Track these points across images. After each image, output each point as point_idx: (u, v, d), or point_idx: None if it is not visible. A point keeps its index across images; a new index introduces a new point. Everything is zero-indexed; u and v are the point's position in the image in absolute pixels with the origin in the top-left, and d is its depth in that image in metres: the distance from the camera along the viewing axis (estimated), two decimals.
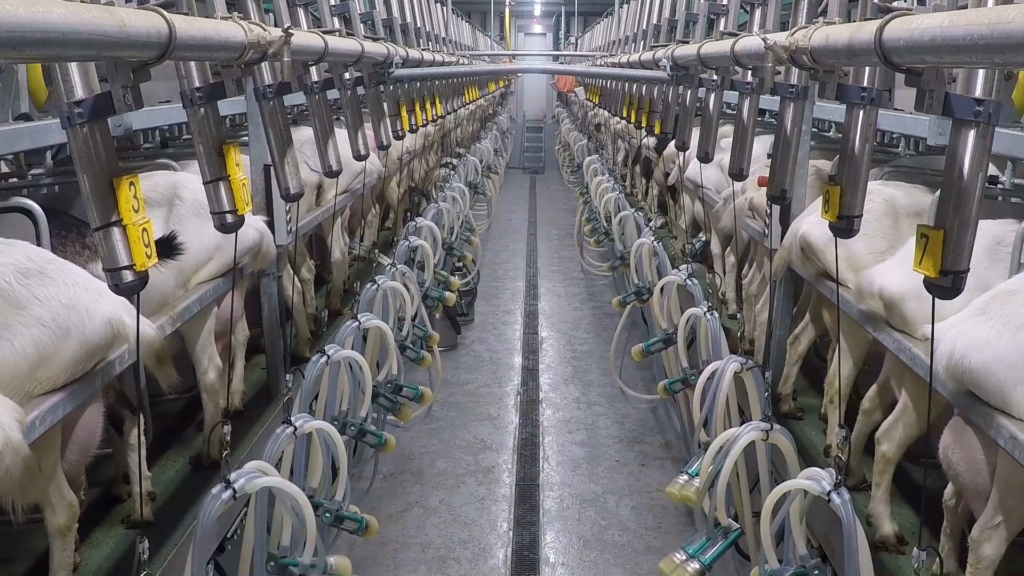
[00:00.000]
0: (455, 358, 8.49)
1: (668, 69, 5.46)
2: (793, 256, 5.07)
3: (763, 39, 3.18)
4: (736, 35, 4.14)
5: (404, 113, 6.73)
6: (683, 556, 3.58)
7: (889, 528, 4.18)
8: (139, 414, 4.17)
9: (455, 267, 8.40)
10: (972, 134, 2.32)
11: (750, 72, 4.13)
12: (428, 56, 7.82)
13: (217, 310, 4.83)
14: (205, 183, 3.15)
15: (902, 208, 4.72)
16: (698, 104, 5.68)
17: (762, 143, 6.33)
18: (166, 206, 4.55)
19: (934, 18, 2.07)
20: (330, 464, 3.85)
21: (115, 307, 3.36)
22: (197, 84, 3.15)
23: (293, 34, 3.24)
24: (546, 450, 6.55)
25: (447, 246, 8.07)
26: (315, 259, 7.41)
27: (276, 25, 4.43)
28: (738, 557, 4.13)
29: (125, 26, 2.13)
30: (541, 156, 24.38)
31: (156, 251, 4.02)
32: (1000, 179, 4.70)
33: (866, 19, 2.87)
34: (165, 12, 2.37)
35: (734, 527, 3.65)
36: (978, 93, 2.34)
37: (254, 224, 4.92)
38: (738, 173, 4.42)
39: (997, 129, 2.39)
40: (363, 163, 6.12)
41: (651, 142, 10.91)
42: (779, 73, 3.46)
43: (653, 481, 5.98)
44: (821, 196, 3.23)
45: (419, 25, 8.49)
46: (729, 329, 5.72)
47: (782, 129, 3.73)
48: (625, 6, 11.08)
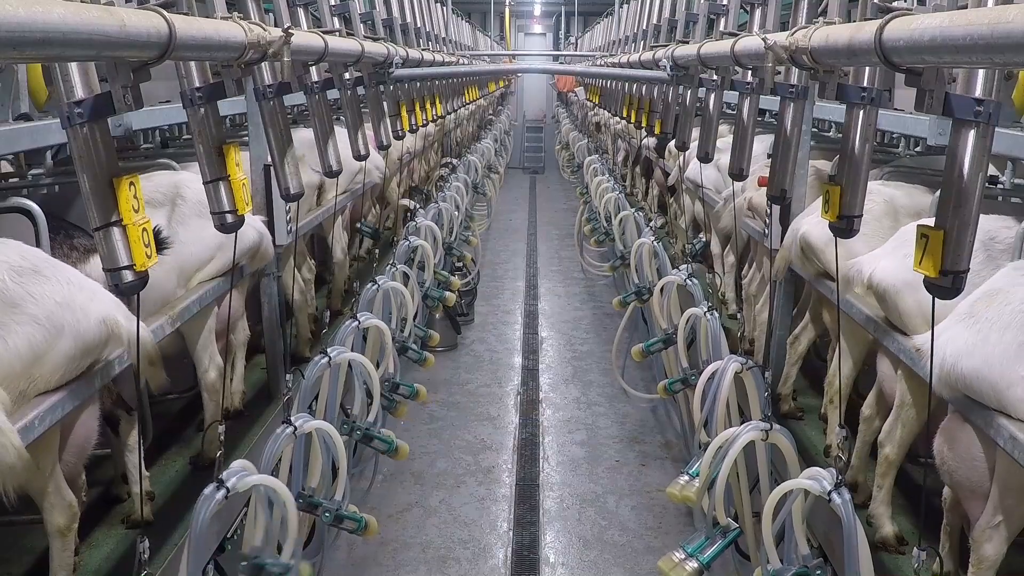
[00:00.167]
0: (455, 358, 8.49)
1: (668, 69, 5.46)
2: (793, 256, 5.07)
3: (763, 39, 3.18)
4: (736, 35, 4.14)
5: (404, 113, 6.73)
6: (682, 555, 3.58)
7: (889, 529, 4.18)
8: (137, 414, 4.17)
9: (455, 267, 8.40)
10: (972, 134, 2.32)
11: (750, 72, 4.13)
12: (428, 56, 7.83)
13: (218, 310, 4.84)
14: (205, 183, 3.15)
15: (902, 208, 4.73)
16: (698, 104, 5.69)
17: (761, 143, 6.33)
18: (168, 205, 4.56)
19: (934, 18, 2.07)
20: (330, 464, 3.85)
21: (109, 306, 3.36)
22: (197, 84, 3.15)
23: (293, 34, 3.24)
24: (546, 450, 6.55)
25: (447, 246, 8.08)
26: (315, 259, 7.41)
27: (276, 25, 4.43)
28: (738, 557, 4.13)
29: (125, 26, 2.13)
30: (541, 156, 24.38)
31: None
32: (1000, 179, 4.70)
33: (866, 19, 2.87)
34: (165, 12, 2.37)
35: (733, 526, 3.65)
36: (978, 93, 2.34)
37: (253, 224, 4.93)
38: (738, 173, 4.42)
39: (997, 129, 2.39)
40: (363, 163, 6.13)
41: (651, 142, 10.92)
42: (779, 73, 3.46)
43: (653, 481, 5.98)
44: (821, 196, 3.23)
45: (419, 25, 8.49)
46: (729, 329, 5.72)
47: (782, 129, 3.72)
48: (625, 6, 11.08)
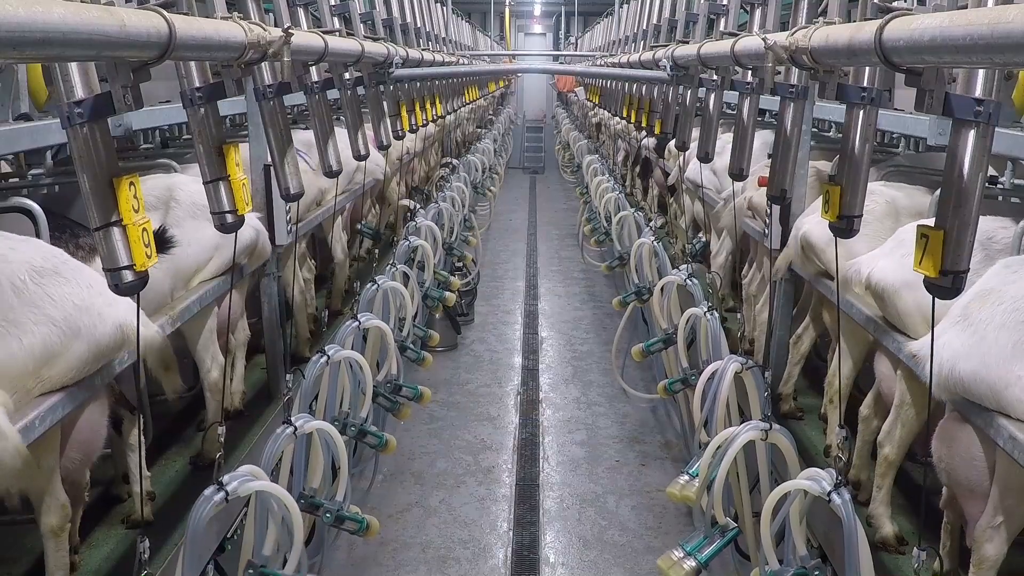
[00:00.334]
0: (455, 358, 8.49)
1: (668, 69, 5.46)
2: (793, 255, 5.07)
3: (763, 39, 3.18)
4: (736, 35, 4.14)
5: (404, 113, 6.73)
6: (680, 553, 3.58)
7: (889, 529, 4.18)
8: (139, 414, 4.17)
9: (455, 267, 8.40)
10: (972, 134, 2.32)
11: (750, 72, 4.13)
12: (428, 56, 7.83)
13: (218, 309, 4.84)
14: (205, 183, 3.15)
15: (903, 209, 4.73)
16: (698, 104, 5.68)
17: (760, 138, 6.32)
18: (162, 209, 4.55)
19: (934, 18, 2.07)
20: (330, 464, 3.85)
21: (127, 312, 3.36)
22: (197, 84, 3.15)
23: (293, 34, 3.24)
24: (546, 450, 6.55)
25: (447, 246, 8.08)
26: (315, 259, 7.41)
27: (276, 25, 4.43)
28: (737, 557, 4.14)
29: (125, 26, 2.13)
30: (541, 156, 24.38)
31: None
32: (1000, 179, 4.70)
33: (866, 19, 2.87)
34: (165, 12, 2.37)
35: (732, 526, 3.65)
36: (978, 93, 2.34)
37: (249, 221, 4.92)
38: (738, 173, 4.42)
39: (997, 129, 2.39)
40: (363, 163, 6.13)
41: (651, 142, 10.92)
42: (779, 73, 3.46)
43: (653, 481, 5.98)
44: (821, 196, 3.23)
45: (419, 25, 8.49)
46: (729, 329, 5.72)
47: (782, 129, 3.72)
48: (625, 6, 11.08)
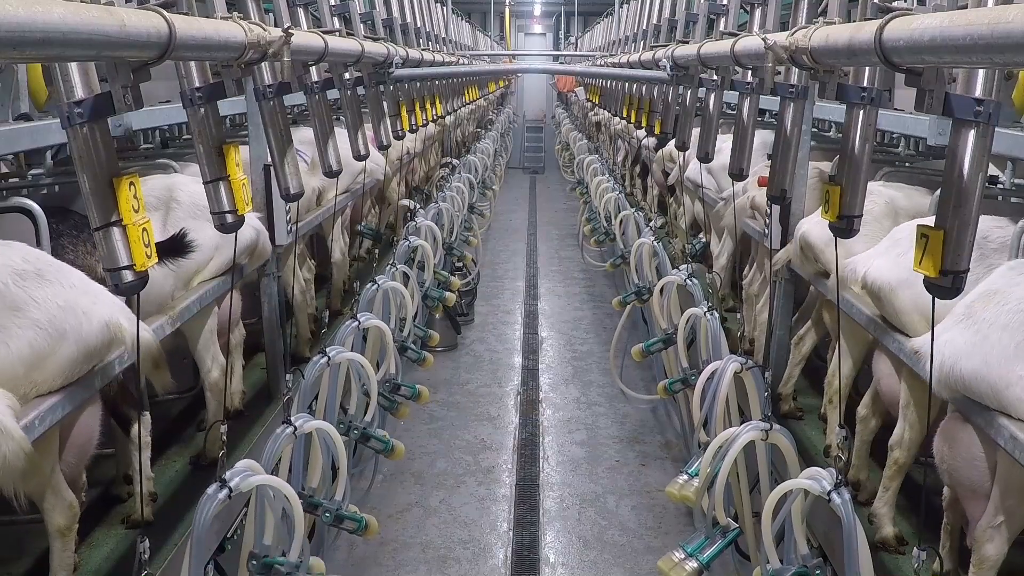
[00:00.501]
0: (455, 358, 8.49)
1: (668, 69, 5.45)
2: (793, 255, 5.07)
3: (763, 39, 3.18)
4: (736, 35, 4.14)
5: (404, 113, 6.73)
6: (681, 555, 3.58)
7: (890, 530, 4.18)
8: (141, 414, 4.17)
9: (455, 267, 8.40)
10: (972, 134, 2.32)
11: (750, 72, 4.13)
12: (428, 56, 7.82)
13: (218, 309, 4.84)
14: (205, 183, 3.14)
15: (903, 210, 4.73)
16: (698, 104, 5.68)
17: (760, 138, 6.32)
18: (163, 209, 4.55)
19: (934, 18, 2.07)
20: (330, 464, 3.85)
21: (112, 310, 3.35)
22: (197, 84, 3.15)
23: (293, 34, 3.24)
24: (546, 450, 6.55)
25: (447, 246, 8.08)
26: (315, 259, 7.41)
27: (276, 25, 4.43)
28: (738, 557, 4.13)
29: (125, 26, 2.13)
30: (541, 156, 24.38)
31: (169, 249, 4.04)
32: (1000, 179, 4.70)
33: (866, 19, 2.87)
34: (165, 12, 2.37)
35: (732, 526, 3.65)
36: (978, 93, 2.34)
37: (249, 221, 4.92)
38: (738, 173, 4.42)
39: (997, 129, 2.39)
40: (363, 164, 6.13)
41: (651, 142, 10.91)
42: (779, 73, 3.46)
43: (653, 481, 5.98)
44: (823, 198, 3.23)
45: (419, 25, 8.49)
46: (729, 329, 5.72)
47: (782, 129, 3.72)
48: (625, 6, 11.07)
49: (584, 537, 5.34)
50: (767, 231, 5.54)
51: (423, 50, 7.92)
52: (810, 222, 4.93)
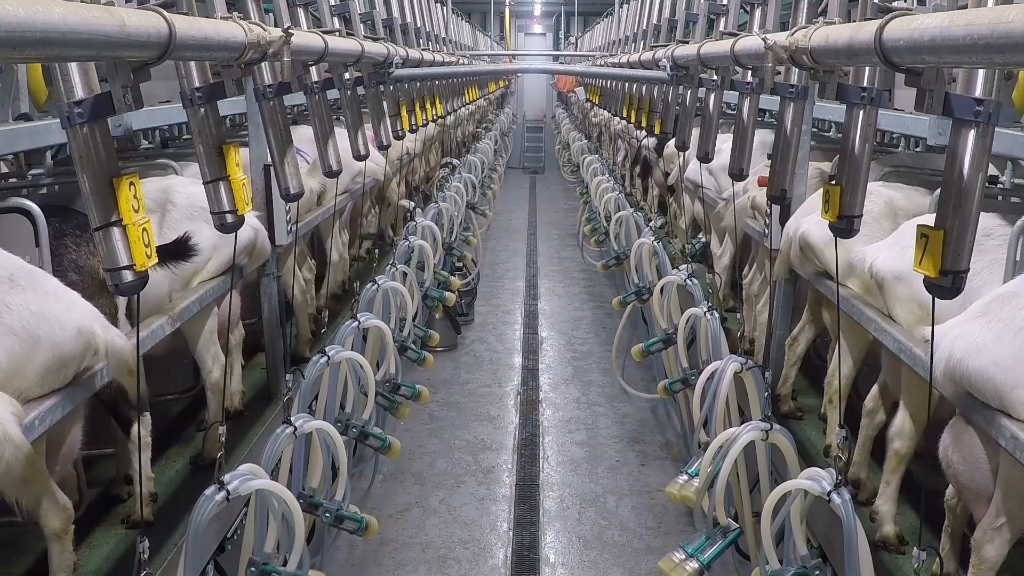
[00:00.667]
0: (455, 358, 8.49)
1: (668, 69, 5.45)
2: (792, 255, 5.07)
3: (763, 39, 3.18)
4: (736, 35, 4.14)
5: (404, 113, 6.73)
6: (682, 555, 3.58)
7: (891, 528, 4.17)
8: (139, 414, 4.17)
9: (455, 267, 8.40)
10: (972, 134, 2.32)
11: (750, 72, 4.13)
12: (428, 56, 7.82)
13: (217, 309, 4.84)
14: (205, 183, 3.14)
15: (902, 210, 4.73)
16: (698, 104, 5.68)
17: (759, 138, 6.32)
18: (159, 212, 4.54)
19: (934, 18, 2.07)
20: (330, 464, 3.85)
21: (85, 316, 3.30)
22: (197, 84, 3.15)
23: (293, 34, 3.24)
24: (546, 450, 6.55)
25: (447, 246, 8.08)
26: (316, 259, 7.40)
27: (276, 25, 4.43)
28: (738, 557, 4.14)
29: (125, 26, 2.13)
30: (541, 156, 24.39)
31: (172, 253, 4.04)
32: (1000, 179, 4.70)
33: (866, 19, 2.87)
34: (165, 12, 2.37)
35: (733, 527, 3.65)
36: (978, 93, 2.34)
37: (249, 221, 4.92)
38: (738, 173, 4.42)
39: (997, 129, 2.39)
40: (363, 164, 6.12)
41: (651, 142, 10.91)
42: (779, 73, 3.46)
43: (653, 481, 5.98)
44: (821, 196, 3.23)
45: (419, 25, 8.49)
46: (729, 329, 5.72)
47: (782, 129, 3.72)
48: (625, 6, 11.08)
49: (584, 537, 5.34)
50: (767, 231, 5.54)
51: (423, 50, 7.92)
52: (808, 222, 4.92)
